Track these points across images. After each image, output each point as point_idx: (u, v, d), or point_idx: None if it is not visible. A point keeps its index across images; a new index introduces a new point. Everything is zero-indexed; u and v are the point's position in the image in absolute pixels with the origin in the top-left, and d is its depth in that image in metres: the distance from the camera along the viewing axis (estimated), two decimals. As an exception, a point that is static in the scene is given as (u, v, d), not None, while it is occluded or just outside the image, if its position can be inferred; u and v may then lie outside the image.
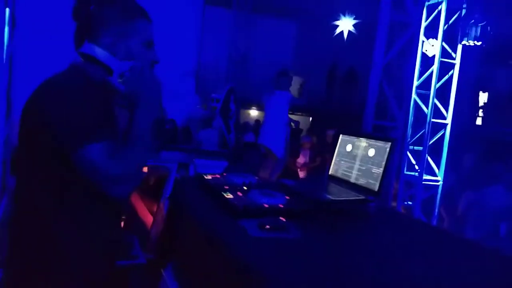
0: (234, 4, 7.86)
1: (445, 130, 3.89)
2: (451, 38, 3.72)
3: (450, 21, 3.73)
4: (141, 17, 1.12)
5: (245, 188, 1.50)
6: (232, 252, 1.04)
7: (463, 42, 3.63)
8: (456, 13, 3.72)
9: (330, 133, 5.51)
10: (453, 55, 3.85)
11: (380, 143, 1.65)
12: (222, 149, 3.78)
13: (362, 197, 1.56)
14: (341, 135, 1.93)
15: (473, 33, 3.49)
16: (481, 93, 9.18)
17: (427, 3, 3.82)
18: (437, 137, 3.90)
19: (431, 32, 3.81)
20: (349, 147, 1.81)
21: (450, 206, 4.05)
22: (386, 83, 4.04)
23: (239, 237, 1.12)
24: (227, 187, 1.46)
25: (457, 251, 1.26)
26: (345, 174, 1.77)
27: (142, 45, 1.11)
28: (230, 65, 7.83)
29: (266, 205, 1.36)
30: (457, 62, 3.85)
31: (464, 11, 3.62)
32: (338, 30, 8.62)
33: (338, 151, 1.87)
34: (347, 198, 1.55)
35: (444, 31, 3.70)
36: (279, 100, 4.24)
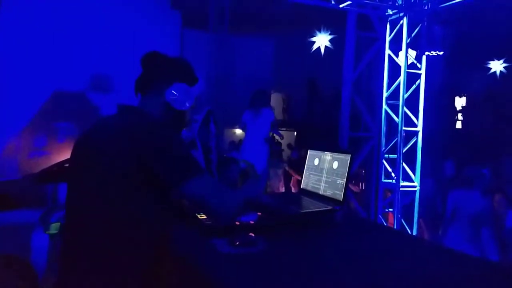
0: (211, 26, 8.04)
1: (417, 137, 4.04)
2: (415, 49, 3.91)
3: (413, 34, 3.93)
4: None
5: None
6: (203, 269, 1.11)
7: (426, 53, 3.82)
8: (417, 26, 3.93)
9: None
10: (418, 65, 4.04)
11: (342, 156, 1.76)
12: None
13: (329, 207, 1.65)
14: (309, 150, 2.04)
15: (434, 44, 3.68)
16: (457, 97, 9.45)
17: (389, 18, 4.03)
18: (410, 144, 4.04)
19: (396, 45, 4.01)
20: (316, 161, 1.92)
21: (430, 213, 4.15)
22: (357, 96, 4.20)
23: (210, 255, 1.19)
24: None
25: (419, 253, 1.32)
26: (314, 187, 1.87)
27: None
28: (210, 86, 7.95)
29: (237, 223, 1.44)
30: (423, 72, 4.04)
31: (425, 23, 3.83)
32: (315, 46, 8.86)
33: (307, 165, 1.98)
34: (314, 210, 1.64)
35: (408, 43, 3.90)
36: (267, 116, 4.33)
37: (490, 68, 8.60)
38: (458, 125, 9.03)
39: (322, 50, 8.73)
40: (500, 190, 3.88)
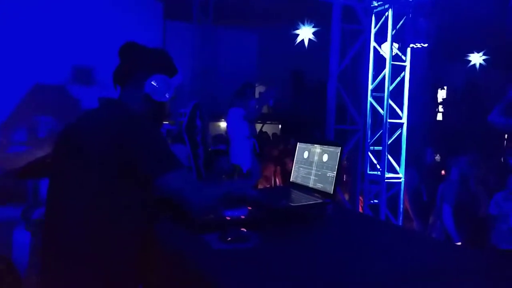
0: (195, 18, 7.93)
1: (402, 129, 4.10)
2: (400, 42, 3.94)
3: (398, 26, 3.96)
4: None
5: None
6: (195, 266, 1.09)
7: (411, 45, 3.86)
8: (402, 18, 3.96)
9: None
10: (403, 57, 4.08)
11: (331, 148, 1.76)
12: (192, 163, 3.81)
13: (319, 200, 1.65)
14: (298, 143, 2.03)
15: (419, 36, 3.72)
16: (439, 90, 9.62)
17: (375, 10, 4.05)
18: (395, 136, 4.10)
19: (381, 38, 4.03)
20: (305, 154, 1.91)
21: (415, 202, 4.24)
22: (343, 89, 4.22)
23: (202, 251, 1.17)
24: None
25: (411, 244, 1.33)
26: (304, 180, 1.87)
27: None
28: (194, 79, 7.87)
29: (227, 218, 1.43)
30: (407, 64, 4.09)
31: (410, 15, 3.86)
32: (299, 39, 8.86)
33: (296, 158, 1.97)
34: (305, 203, 1.64)
35: (393, 35, 3.93)
36: (235, 116, 4.33)
37: (470, 61, 8.78)
38: (439, 117, 9.22)
39: (306, 43, 8.74)
40: (478, 178, 3.99)
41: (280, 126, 11.28)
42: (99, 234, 1.09)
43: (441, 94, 9.59)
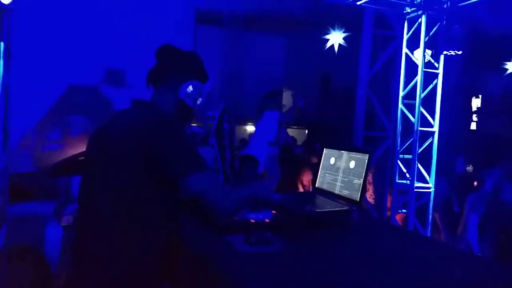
0: (226, 22, 8.04)
1: (433, 137, 3.98)
2: (433, 49, 3.84)
3: (431, 33, 3.86)
4: None
5: None
6: (219, 267, 1.10)
7: (444, 52, 3.75)
8: (436, 25, 3.86)
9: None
10: (436, 65, 3.97)
11: (359, 155, 1.73)
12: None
13: (345, 207, 1.62)
14: (325, 149, 2.01)
15: (453, 43, 3.61)
16: (473, 98, 9.29)
17: (407, 17, 3.96)
18: (426, 145, 3.99)
19: (413, 44, 3.94)
20: (332, 160, 1.89)
21: (446, 213, 4.11)
22: (373, 95, 4.15)
23: (226, 253, 1.18)
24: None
25: (435, 255, 1.30)
26: (329, 186, 1.85)
27: None
28: (223, 82, 7.96)
29: (252, 220, 1.43)
30: (440, 71, 3.97)
31: (444, 22, 3.76)
32: (328, 44, 8.80)
33: (322, 164, 1.95)
34: (331, 210, 1.62)
35: (426, 42, 3.83)
36: (269, 118, 4.31)
37: (507, 69, 8.43)
38: (473, 126, 8.90)
39: (336, 48, 8.67)
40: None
41: (306, 131, 11.19)
42: (127, 233, 1.11)
43: (476, 102, 9.24)
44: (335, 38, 8.73)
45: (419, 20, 3.84)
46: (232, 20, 8.14)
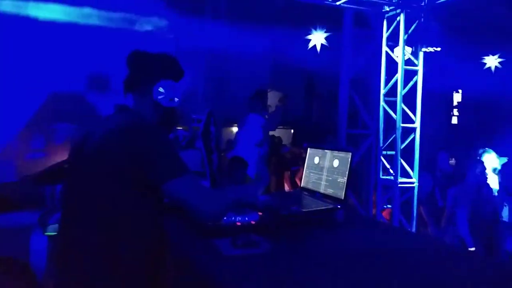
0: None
1: (414, 133, 4.06)
2: (412, 46, 3.92)
3: (410, 30, 3.94)
4: None
5: None
6: (206, 272, 1.10)
7: (423, 49, 3.83)
8: (414, 22, 3.94)
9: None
10: (416, 62, 4.05)
11: (342, 154, 1.77)
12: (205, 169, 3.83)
13: (330, 206, 1.66)
14: (309, 149, 2.04)
15: (431, 40, 3.69)
16: (454, 93, 9.48)
17: (386, 15, 4.03)
18: (408, 141, 4.06)
19: (393, 42, 4.01)
20: (316, 160, 1.92)
21: (430, 207, 4.19)
22: (355, 93, 4.21)
23: (212, 257, 1.18)
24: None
25: (422, 250, 1.34)
26: (314, 185, 1.88)
27: None
28: (207, 85, 7.94)
29: (238, 223, 1.44)
30: (420, 68, 4.05)
31: (422, 20, 3.83)
32: (311, 44, 8.88)
33: (307, 164, 1.98)
34: (316, 209, 1.64)
35: (405, 40, 3.91)
36: (254, 122, 4.33)
37: (485, 64, 8.63)
38: (454, 120, 9.09)
39: (318, 48, 8.74)
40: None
41: (292, 131, 11.25)
42: (112, 240, 1.11)
43: (456, 97, 9.45)
44: (317, 38, 8.81)
45: (398, 19, 3.92)
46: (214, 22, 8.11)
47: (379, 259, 1.19)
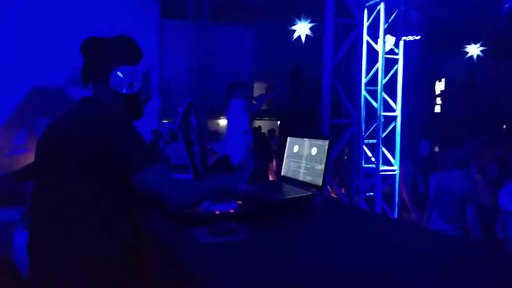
0: (190, 15, 7.94)
1: (395, 121, 4.13)
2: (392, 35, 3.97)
3: (390, 19, 3.98)
4: None
5: None
6: (182, 259, 1.11)
7: (403, 38, 3.88)
8: (395, 11, 3.97)
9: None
10: (396, 50, 4.10)
11: (320, 142, 1.79)
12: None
13: (308, 193, 1.69)
14: (288, 138, 2.07)
15: (411, 29, 3.74)
16: (437, 82, 9.61)
17: (367, 4, 4.06)
18: (389, 129, 4.13)
19: (374, 31, 4.05)
20: (295, 148, 1.95)
21: (413, 193, 4.27)
22: (338, 83, 4.25)
23: (189, 245, 1.19)
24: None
25: (399, 234, 1.35)
26: (294, 173, 1.91)
27: None
28: (193, 77, 7.90)
29: (217, 212, 1.46)
30: (400, 57, 4.11)
31: (402, 8, 3.88)
32: (295, 35, 8.89)
33: (287, 152, 2.01)
34: (295, 196, 1.67)
35: (386, 29, 3.95)
36: (236, 107, 4.37)
37: (467, 52, 8.75)
38: (437, 109, 9.23)
39: (303, 39, 8.76)
40: (481, 169, 4.01)
41: (278, 122, 11.29)
42: (82, 234, 1.09)
43: (439, 86, 9.59)
44: (301, 28, 8.82)
45: (378, 8, 3.95)
46: (197, 13, 8.05)
47: (354, 244, 1.21)
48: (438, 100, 9.63)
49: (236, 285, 0.91)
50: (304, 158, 1.87)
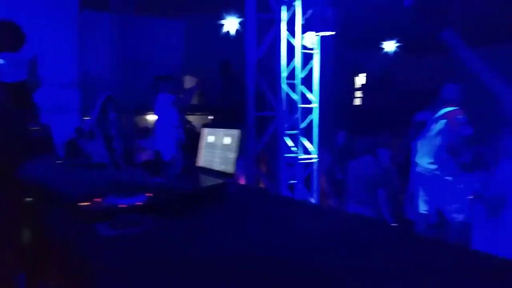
0: (113, 7, 7.55)
1: (313, 113, 4.38)
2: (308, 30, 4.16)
3: (306, 15, 4.17)
4: None
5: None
6: (82, 254, 1.07)
7: (319, 33, 4.09)
8: (311, 7, 4.16)
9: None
10: (313, 46, 4.31)
11: (232, 132, 1.85)
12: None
13: (219, 181, 1.73)
14: (204, 129, 2.10)
15: (327, 25, 3.96)
16: (356, 76, 10.18)
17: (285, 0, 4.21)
18: (309, 120, 4.36)
19: (292, 27, 4.21)
20: (210, 138, 1.99)
21: (330, 180, 4.57)
22: (261, 77, 4.36)
23: (89, 239, 1.15)
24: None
25: (307, 217, 1.41)
26: (209, 163, 1.94)
27: None
28: (117, 71, 7.55)
29: (121, 205, 1.43)
30: (316, 51, 4.33)
31: (318, 5, 4.07)
32: (225, 29, 8.89)
33: (204, 144, 2.04)
34: (205, 185, 1.71)
35: (303, 25, 4.13)
36: (164, 102, 4.30)
37: (384, 48, 9.40)
38: (357, 102, 9.84)
39: (233, 33, 8.80)
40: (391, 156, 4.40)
41: (211, 117, 11.20)
42: None
43: (359, 80, 10.20)
44: (230, 23, 8.84)
45: (295, 3, 4.11)
46: (121, 4, 7.69)
47: (265, 230, 1.22)
48: (359, 94, 10.23)
49: (128, 276, 0.89)
50: (217, 147, 1.91)
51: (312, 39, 4.36)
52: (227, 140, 1.87)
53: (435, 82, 4.65)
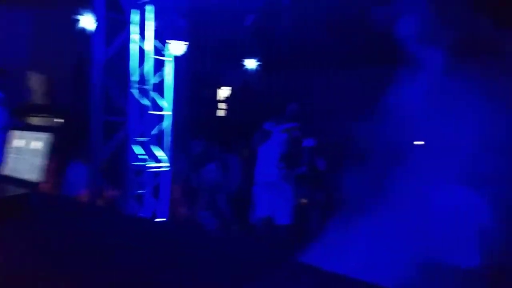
0: None
1: (166, 120, 4.30)
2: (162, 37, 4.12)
3: (159, 22, 4.11)
4: None
5: None
6: None
7: (170, 41, 4.08)
8: (163, 15, 4.12)
9: None
10: (166, 53, 4.27)
11: (42, 135, 1.66)
12: None
13: (22, 191, 1.52)
14: (11, 130, 1.84)
15: (178, 34, 3.97)
16: (218, 89, 10.55)
17: (138, 2, 4.07)
18: (161, 128, 4.27)
19: (143, 31, 4.09)
20: (17, 142, 1.74)
21: (185, 188, 4.56)
22: (110, 80, 4.11)
23: None
24: None
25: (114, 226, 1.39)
26: (14, 170, 1.70)
27: None
28: None
29: None
30: (168, 59, 4.30)
31: (170, 14, 4.06)
32: (80, 25, 8.21)
33: (8, 147, 1.78)
34: (4, 196, 1.49)
35: (155, 31, 4.05)
36: None
37: (244, 65, 9.97)
38: (221, 113, 10.20)
39: (88, 31, 8.14)
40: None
41: (60, 120, 10.10)
42: None
43: (222, 93, 10.59)
44: (86, 20, 8.22)
45: (146, 7, 4.02)
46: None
47: (63, 242, 1.18)
48: (223, 105, 10.61)
49: None
50: (24, 152, 1.69)
51: (179, 47, 4.31)
52: (36, 145, 1.66)
53: (288, 98, 5.11)
